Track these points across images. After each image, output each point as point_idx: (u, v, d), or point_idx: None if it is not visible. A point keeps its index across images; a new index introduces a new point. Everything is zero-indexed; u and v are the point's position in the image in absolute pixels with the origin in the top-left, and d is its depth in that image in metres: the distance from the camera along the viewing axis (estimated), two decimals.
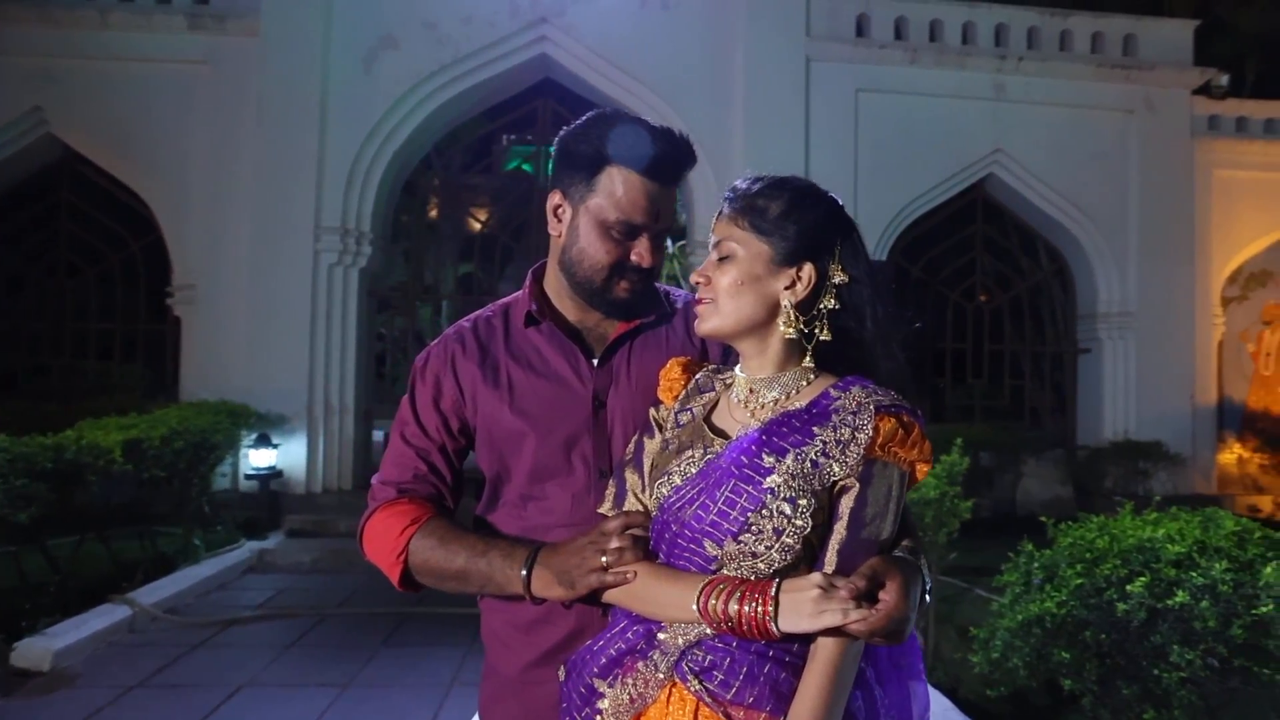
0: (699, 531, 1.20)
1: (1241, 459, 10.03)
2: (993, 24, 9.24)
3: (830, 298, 1.26)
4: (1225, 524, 2.83)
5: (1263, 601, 2.50)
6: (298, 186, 8.30)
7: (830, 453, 1.17)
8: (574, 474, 1.45)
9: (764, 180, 1.30)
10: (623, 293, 1.45)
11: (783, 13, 8.84)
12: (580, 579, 1.27)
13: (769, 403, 1.27)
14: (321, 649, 4.72)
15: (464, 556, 1.37)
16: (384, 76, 8.54)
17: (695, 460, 1.26)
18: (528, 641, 1.45)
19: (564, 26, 8.74)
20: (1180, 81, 9.39)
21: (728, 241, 1.27)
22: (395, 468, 1.50)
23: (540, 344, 1.51)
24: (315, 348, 8.30)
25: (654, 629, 1.22)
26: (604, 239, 1.41)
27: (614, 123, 1.41)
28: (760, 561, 1.17)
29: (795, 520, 1.15)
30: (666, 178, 1.41)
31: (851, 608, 1.10)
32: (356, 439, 8.64)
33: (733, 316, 1.26)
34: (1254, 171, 9.75)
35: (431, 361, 1.54)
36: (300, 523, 7.61)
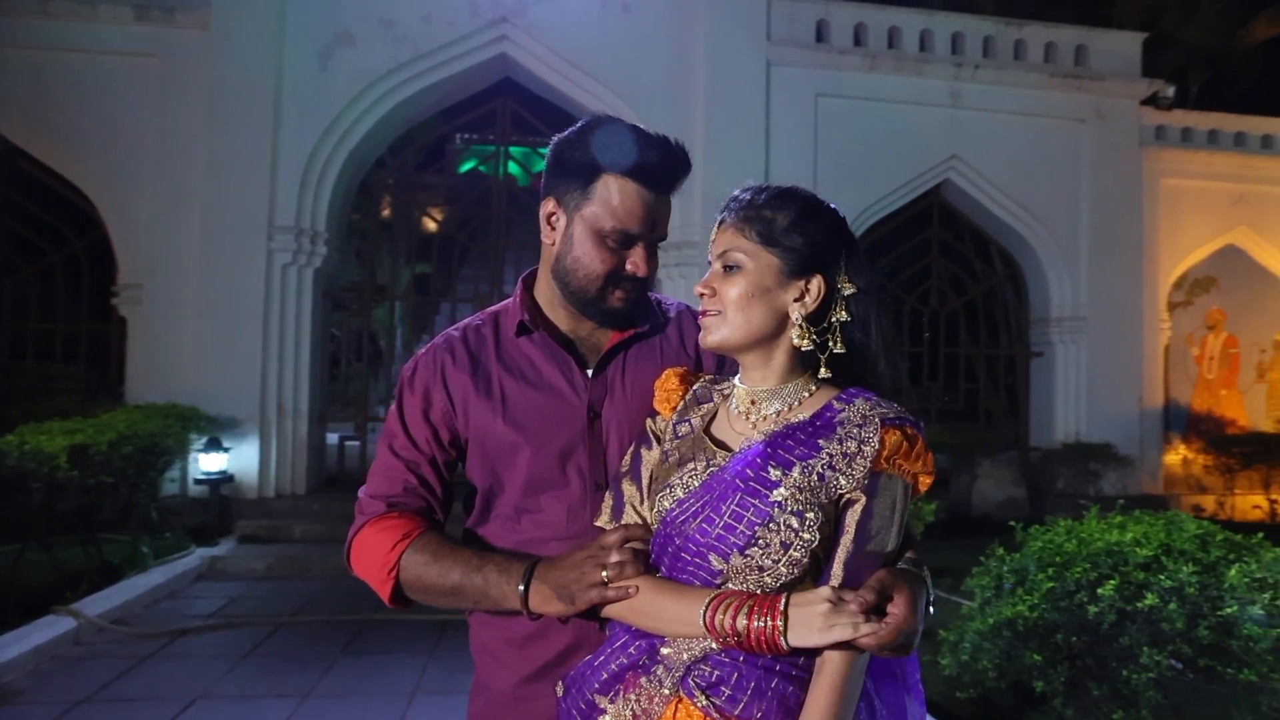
0: (704, 545, 1.18)
1: (1186, 460, 10.29)
2: (950, 32, 9.37)
3: (841, 309, 1.25)
4: (1188, 527, 2.89)
5: (1227, 603, 2.55)
6: (251, 184, 8.10)
7: (837, 466, 1.17)
8: (569, 486, 1.42)
9: (768, 191, 1.29)
10: (617, 302, 1.42)
11: (743, 17, 8.86)
12: (580, 594, 1.23)
13: (771, 414, 1.26)
14: (279, 658, 4.60)
15: (459, 572, 1.33)
16: (340, 73, 8.38)
17: (698, 473, 1.24)
18: (522, 656, 1.41)
19: (525, 26, 8.66)
20: (1129, 92, 9.61)
21: (734, 252, 1.25)
22: (384, 481, 1.45)
23: (533, 354, 1.48)
24: (268, 349, 8.12)
25: (657, 644, 1.20)
26: (599, 248, 1.38)
27: (610, 130, 1.38)
28: (767, 575, 1.15)
29: (803, 534, 1.14)
30: (663, 186, 1.39)
31: (861, 621, 1.09)
32: (310, 442, 8.46)
33: (742, 329, 1.25)
34: (1198, 180, 10.02)
35: (420, 371, 1.49)
36: (253, 528, 7.43)
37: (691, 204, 8.72)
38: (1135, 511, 3.06)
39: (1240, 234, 10.25)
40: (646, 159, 1.36)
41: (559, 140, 1.44)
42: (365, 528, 1.42)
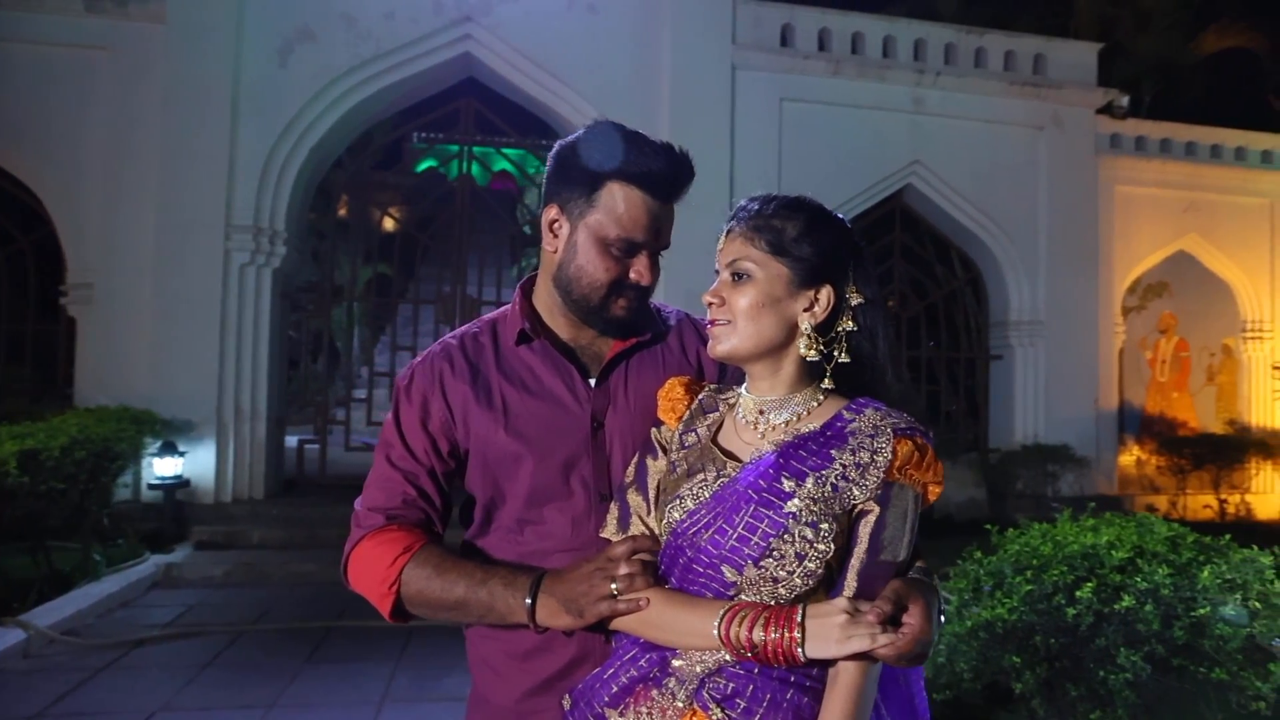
0: (716, 557, 1.17)
1: (1140, 460, 10.51)
2: (912, 39, 9.46)
3: (848, 319, 1.26)
4: (1158, 529, 2.93)
5: (1200, 604, 2.58)
6: (207, 182, 7.92)
7: (850, 476, 1.17)
8: (573, 497, 1.39)
9: (777, 200, 1.29)
10: (620, 311, 1.40)
11: (709, 20, 8.87)
12: (589, 607, 1.21)
13: (779, 424, 1.26)
14: (241, 668, 4.49)
15: (463, 586, 1.30)
16: (300, 70, 8.23)
17: (708, 483, 1.23)
18: (525, 670, 1.38)
19: (489, 26, 8.59)
20: (1085, 101, 9.79)
21: (744, 261, 1.25)
22: (382, 493, 1.41)
23: (533, 363, 1.45)
24: (225, 351, 7.94)
25: (668, 656, 1.19)
26: (603, 256, 1.37)
27: (615, 136, 1.36)
28: (781, 586, 1.15)
29: (817, 545, 1.14)
30: (668, 194, 1.38)
31: (878, 632, 1.09)
32: (269, 445, 8.28)
33: (752, 339, 1.24)
34: (1151, 188, 10.25)
35: (417, 380, 1.45)
36: (209, 534, 7.26)
37: None
38: (1106, 514, 3.11)
39: (1191, 241, 10.49)
40: (652, 167, 1.35)
41: (562, 146, 1.42)
42: (364, 541, 1.38)
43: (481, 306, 9.58)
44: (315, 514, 7.78)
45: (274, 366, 8.38)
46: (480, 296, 9.54)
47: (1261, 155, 10.70)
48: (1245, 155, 10.65)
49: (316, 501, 8.14)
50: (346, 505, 6.18)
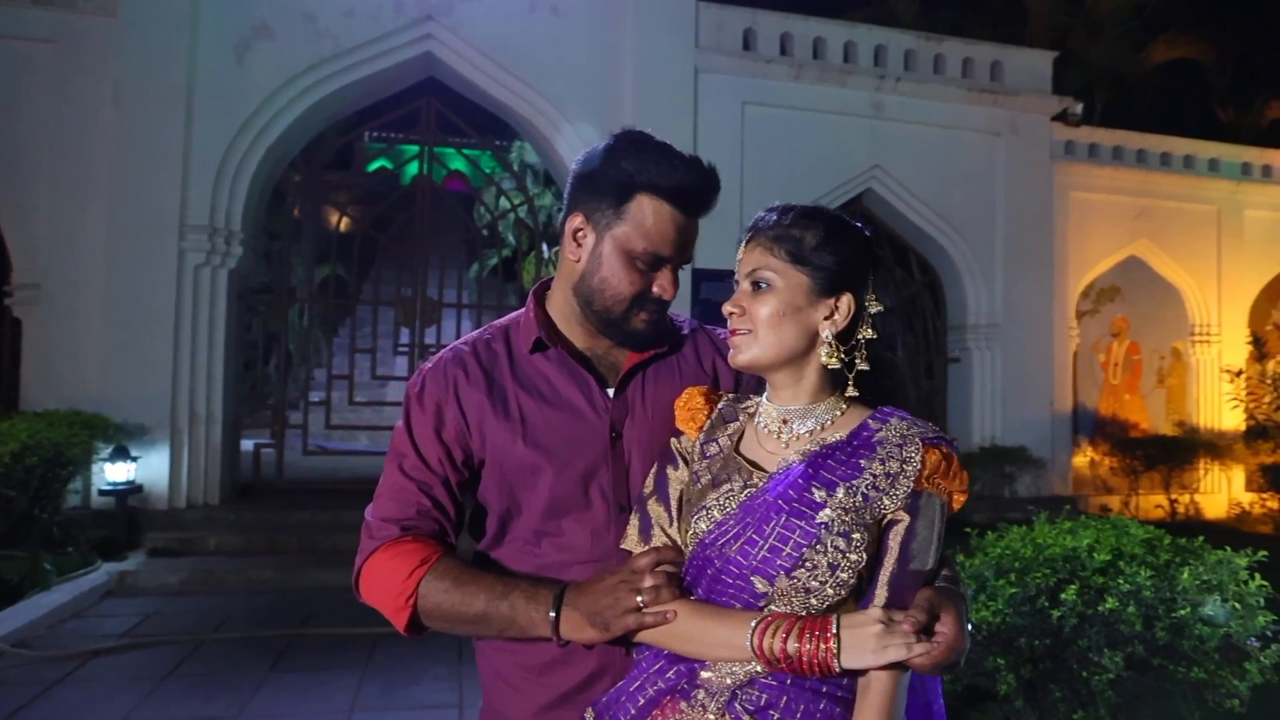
0: (747, 568, 1.16)
1: (1093, 461, 10.72)
2: (873, 44, 9.56)
3: (867, 327, 1.26)
4: (1135, 531, 2.97)
5: (1180, 605, 2.62)
6: (161, 181, 7.71)
7: (880, 486, 1.17)
8: (591, 509, 1.36)
9: (795, 210, 1.29)
10: (641, 324, 1.39)
11: (672, 23, 8.87)
12: (615, 620, 1.19)
13: (803, 433, 1.26)
14: (203, 678, 4.36)
15: (483, 600, 1.27)
16: (257, 67, 8.06)
17: (735, 494, 1.22)
18: (542, 684, 1.35)
19: (450, 25, 8.49)
20: (1041, 108, 9.98)
21: (764, 271, 1.25)
22: (395, 503, 1.36)
23: (549, 371, 1.42)
24: (180, 353, 7.74)
25: (696, 668, 1.18)
26: (628, 269, 1.35)
27: (646, 149, 1.34)
28: (814, 597, 1.14)
29: (850, 555, 1.14)
30: (695, 210, 1.36)
31: (914, 641, 1.09)
32: (224, 450, 8.09)
33: (774, 348, 1.24)
34: (1104, 194, 10.48)
35: (429, 387, 1.41)
36: (164, 541, 7.05)
37: None
38: (1081, 517, 3.15)
39: (1142, 246, 10.75)
40: (683, 181, 1.33)
41: (590, 155, 1.40)
42: (377, 553, 1.34)
43: (443, 309, 9.48)
44: (273, 519, 7.62)
45: (230, 369, 8.20)
46: (441, 299, 9.44)
47: (1209, 163, 11.00)
48: (1193, 163, 10.94)
49: (274, 506, 7.98)
50: (305, 510, 6.17)
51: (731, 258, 5.56)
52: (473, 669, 4.51)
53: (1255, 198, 11.16)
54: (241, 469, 8.73)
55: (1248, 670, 2.71)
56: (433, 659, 4.68)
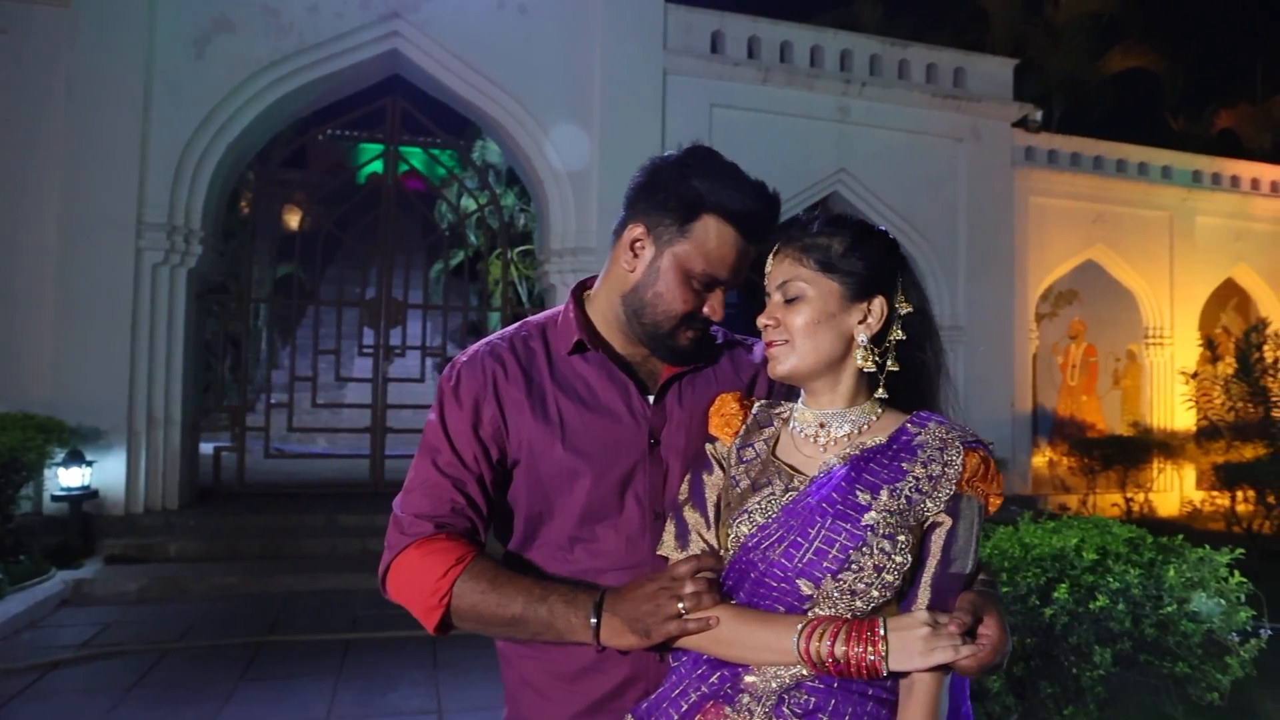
0: (792, 570, 1.17)
1: (1052, 461, 10.93)
2: (839, 49, 9.64)
3: (898, 329, 1.27)
4: (1118, 531, 3.02)
5: (1166, 602, 2.67)
6: (118, 177, 7.51)
7: (922, 489, 1.19)
8: (626, 514, 1.35)
9: (819, 219, 1.30)
10: (685, 341, 1.38)
11: (640, 24, 8.86)
12: (656, 627, 1.17)
13: (841, 437, 1.27)
14: (171, 688, 4.23)
15: (520, 602, 1.24)
16: (218, 62, 7.88)
17: (776, 497, 1.23)
18: (573, 691, 1.32)
19: (417, 23, 8.39)
20: (1002, 114, 10.14)
21: (795, 282, 1.27)
22: (428, 499, 1.32)
23: (588, 374, 1.40)
24: (137, 354, 7.54)
25: (740, 672, 1.17)
26: (684, 287, 1.34)
27: (717, 169, 1.33)
28: (859, 599, 1.15)
29: (895, 557, 1.15)
30: (757, 237, 1.35)
31: (960, 644, 1.10)
32: (184, 454, 7.89)
33: (811, 356, 1.26)
34: (1062, 200, 10.69)
35: (465, 382, 1.38)
36: (121, 548, 6.86)
37: (588, 211, 8.66)
38: (1064, 517, 3.20)
39: (1098, 251, 10.98)
40: (751, 206, 1.33)
41: (657, 166, 1.38)
42: (409, 550, 1.30)
43: (408, 309, 9.36)
44: (235, 524, 7.45)
45: (189, 371, 8.01)
46: (406, 299, 9.32)
47: (1162, 170, 11.28)
48: (1148, 170, 11.21)
49: (235, 511, 7.80)
50: (267, 514, 6.04)
51: None
52: (449, 673, 4.46)
53: (1206, 204, 11.46)
54: (200, 473, 8.53)
55: (1229, 664, 2.77)
56: (407, 664, 4.60)
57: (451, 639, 4.66)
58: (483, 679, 4.40)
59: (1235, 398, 9.90)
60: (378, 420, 8.88)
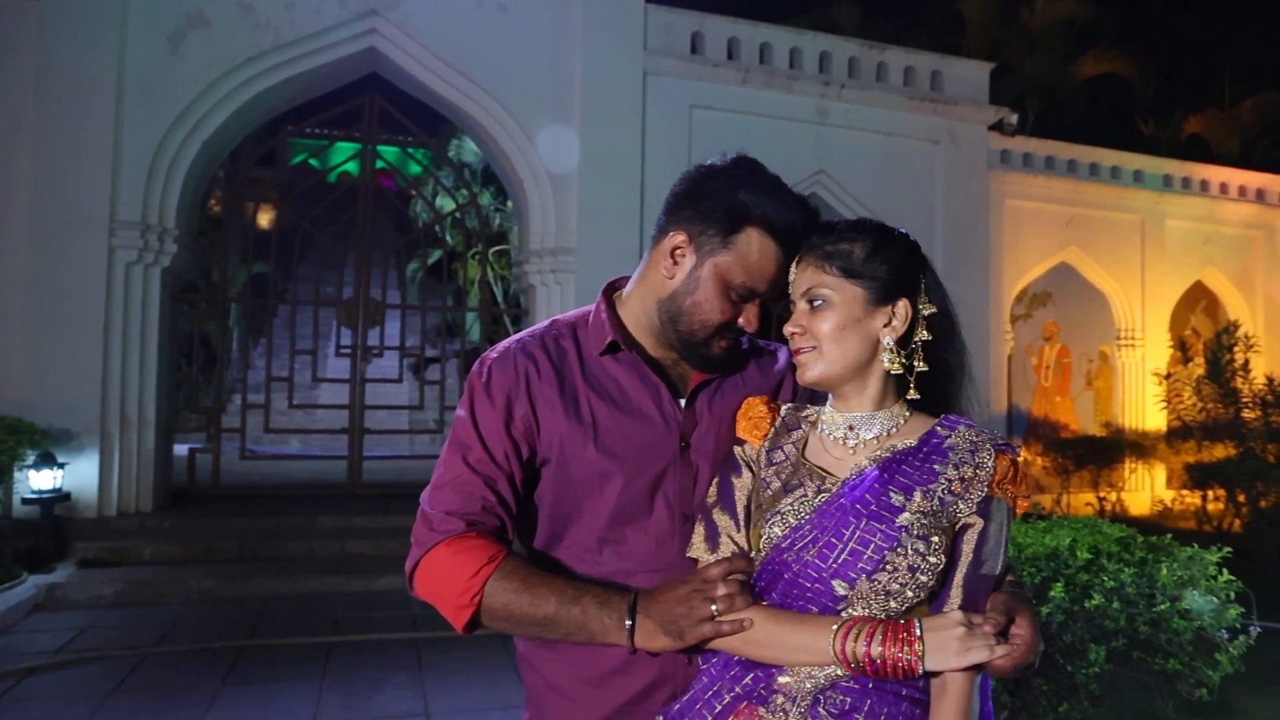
0: (827, 571, 1.18)
1: (1026, 461, 11.03)
2: (818, 51, 9.68)
3: (923, 329, 1.28)
4: (1108, 530, 3.06)
5: (1159, 600, 2.70)
6: (89, 174, 7.39)
7: (955, 491, 1.20)
8: (655, 517, 1.35)
9: (839, 225, 1.32)
10: (719, 351, 1.39)
11: (620, 24, 8.84)
12: (690, 629, 1.17)
13: (870, 439, 1.28)
14: (151, 694, 4.16)
15: (553, 603, 1.23)
16: (193, 58, 7.78)
17: (808, 498, 1.24)
18: (599, 695, 1.31)
19: (396, 21, 8.33)
20: (978, 117, 10.23)
21: (819, 289, 1.28)
22: (459, 496, 1.30)
23: (620, 376, 1.39)
24: (110, 355, 7.42)
25: (774, 673, 1.18)
26: (722, 298, 1.34)
27: (762, 181, 1.34)
28: (893, 599, 1.16)
29: (929, 558, 1.17)
30: (796, 250, 1.34)
31: (994, 643, 1.12)
32: (157, 455, 7.77)
33: (839, 361, 1.27)
34: (1037, 202, 10.81)
35: (497, 378, 1.36)
36: (94, 551, 6.74)
37: (568, 211, 8.63)
38: (1053, 516, 3.23)
39: (1072, 253, 11.11)
40: (794, 221, 1.33)
41: (702, 175, 1.39)
42: (439, 547, 1.28)
43: (386, 309, 9.29)
44: (211, 527, 7.35)
45: (163, 371, 7.89)
46: (385, 299, 9.25)
47: (1134, 174, 11.44)
48: (1120, 174, 11.36)
49: (211, 513, 7.69)
50: (244, 517, 5.97)
51: None
52: (435, 675, 4.42)
53: (1176, 208, 11.64)
54: (175, 475, 8.40)
55: (1219, 661, 2.81)
56: (391, 667, 4.56)
57: (436, 641, 4.60)
58: (469, 681, 4.37)
59: (1206, 398, 10.06)
60: (355, 421, 8.80)
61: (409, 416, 14.68)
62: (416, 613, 5.71)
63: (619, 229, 8.65)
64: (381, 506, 8.25)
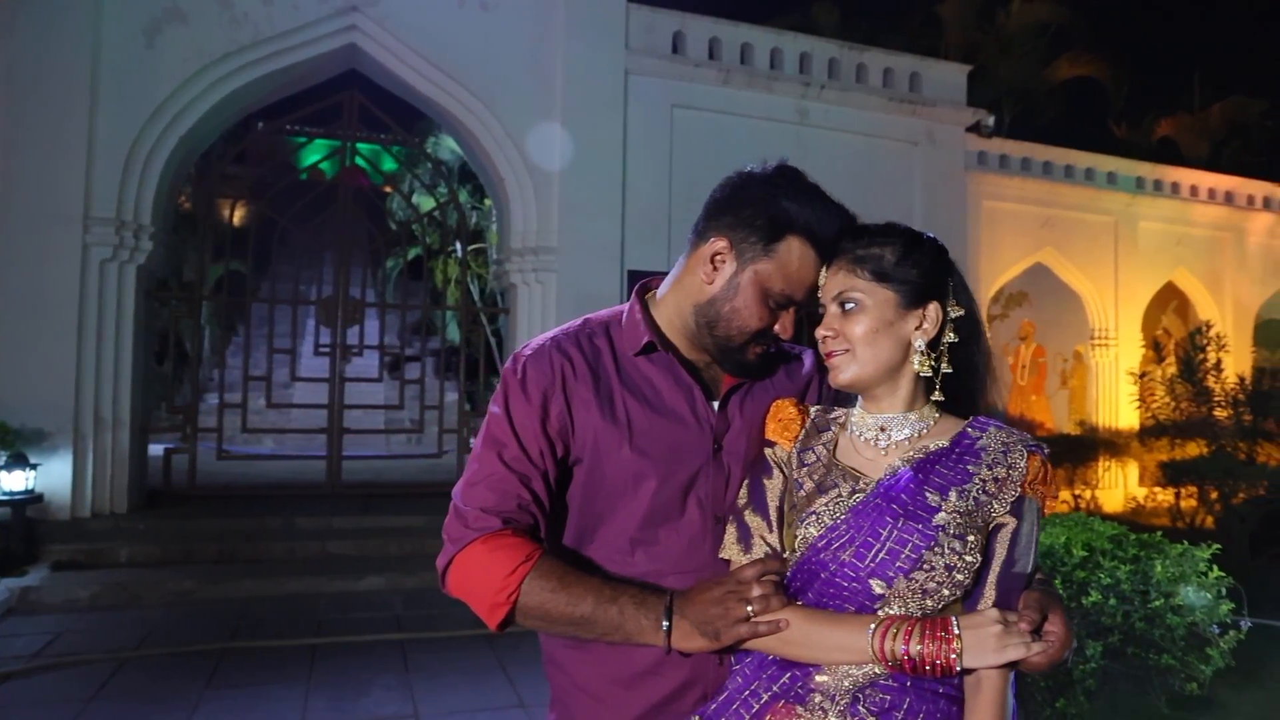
0: (864, 571, 1.19)
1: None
2: (798, 52, 9.72)
3: (951, 332, 1.31)
4: (1100, 528, 3.09)
5: (1154, 596, 2.73)
6: (62, 169, 7.25)
7: (989, 491, 1.23)
8: (687, 518, 1.35)
9: (868, 230, 1.35)
10: (753, 356, 1.40)
11: (602, 23, 8.83)
12: (726, 630, 1.18)
13: (901, 440, 1.30)
14: (132, 699, 4.08)
15: (590, 602, 1.23)
16: (170, 53, 7.66)
17: (843, 499, 1.25)
18: (630, 696, 1.32)
19: (376, 17, 8.25)
20: (956, 119, 10.32)
21: (851, 292, 1.30)
22: (495, 494, 1.30)
23: (654, 376, 1.40)
24: (84, 354, 7.29)
25: (811, 672, 1.19)
26: (761, 305, 1.35)
27: (805, 190, 1.36)
28: (929, 598, 1.18)
29: (965, 556, 1.19)
30: (832, 259, 1.36)
31: (1030, 641, 1.14)
32: (132, 455, 7.64)
33: (872, 364, 1.29)
34: (1012, 204, 10.92)
35: (532, 375, 1.35)
36: (68, 554, 6.62)
37: (549, 210, 8.61)
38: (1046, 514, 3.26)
39: (1047, 254, 11.24)
40: (831, 230, 1.34)
41: (744, 182, 1.40)
42: (475, 545, 1.27)
43: (366, 308, 9.21)
44: (189, 528, 7.24)
45: (138, 370, 7.76)
46: (364, 297, 9.17)
47: (1107, 176, 11.59)
48: (1094, 176, 11.51)
49: (187, 514, 7.59)
50: (222, 517, 5.90)
51: (663, 260, 5.78)
52: (423, 677, 4.39)
53: (1148, 210, 11.81)
54: (150, 474, 8.27)
55: (1211, 655, 2.85)
56: (376, 668, 4.51)
57: (421, 642, 4.55)
58: (458, 682, 4.34)
59: (1179, 397, 10.21)
60: (335, 421, 8.71)
61: (385, 416, 14.59)
62: (400, 614, 5.66)
63: (601, 228, 8.64)
64: (361, 507, 8.18)
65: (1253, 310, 12.82)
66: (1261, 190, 12.84)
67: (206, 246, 9.25)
